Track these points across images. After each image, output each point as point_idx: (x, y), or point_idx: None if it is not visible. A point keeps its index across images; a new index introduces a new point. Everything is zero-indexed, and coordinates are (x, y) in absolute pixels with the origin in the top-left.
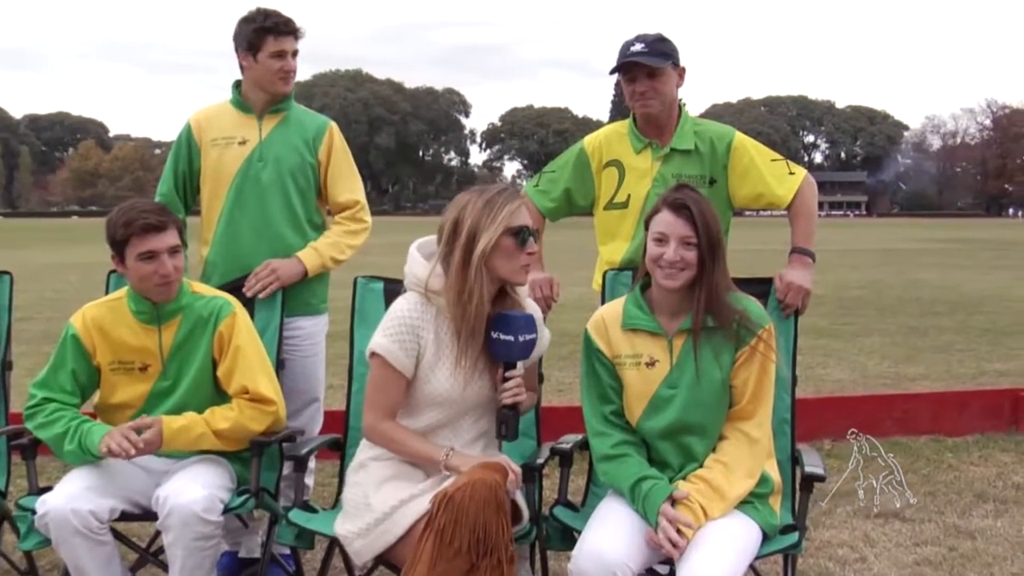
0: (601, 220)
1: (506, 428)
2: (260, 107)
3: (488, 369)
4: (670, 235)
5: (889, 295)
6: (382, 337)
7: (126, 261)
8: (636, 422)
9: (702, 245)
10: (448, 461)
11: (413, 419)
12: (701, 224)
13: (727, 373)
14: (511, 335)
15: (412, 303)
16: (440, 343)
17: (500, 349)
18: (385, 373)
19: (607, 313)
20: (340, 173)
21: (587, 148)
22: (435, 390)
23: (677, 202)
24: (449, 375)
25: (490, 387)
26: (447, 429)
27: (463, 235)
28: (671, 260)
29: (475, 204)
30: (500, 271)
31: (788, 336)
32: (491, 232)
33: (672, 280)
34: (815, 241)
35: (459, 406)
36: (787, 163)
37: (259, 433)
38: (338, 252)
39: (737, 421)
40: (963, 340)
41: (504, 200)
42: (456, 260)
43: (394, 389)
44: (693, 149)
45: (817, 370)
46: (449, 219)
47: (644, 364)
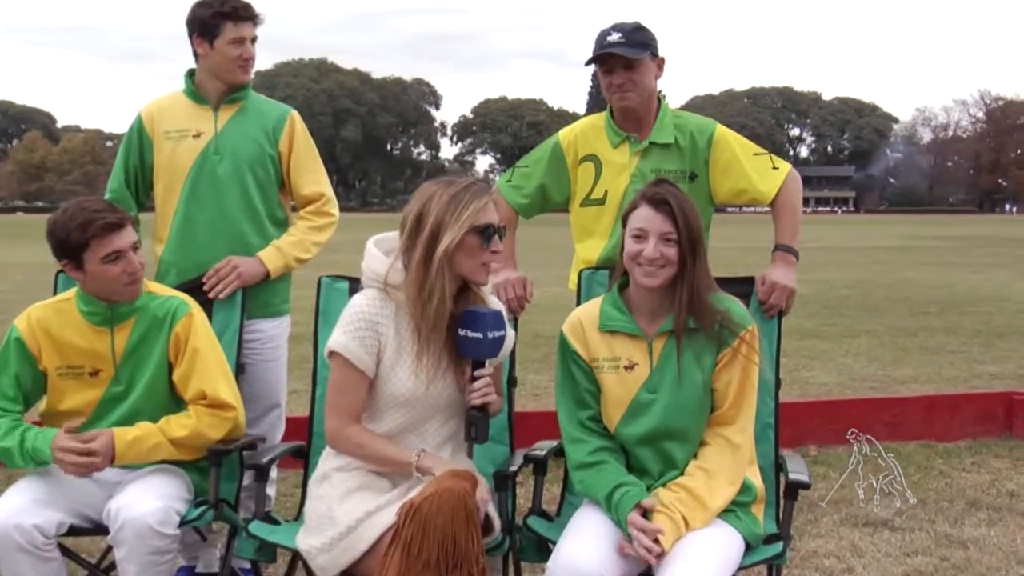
0: (577, 217)
1: (476, 430)
2: (216, 97)
3: (453, 368)
4: (649, 231)
5: (877, 295)
6: (341, 335)
7: (85, 266)
8: (614, 428)
9: (682, 241)
10: (420, 463)
11: (376, 423)
12: (681, 219)
13: (708, 376)
14: (479, 332)
15: (370, 298)
16: (401, 340)
17: (468, 347)
18: (346, 373)
19: (584, 314)
20: (303, 164)
21: (562, 142)
22: (397, 390)
23: (656, 197)
24: (411, 373)
25: (455, 387)
26: (412, 433)
27: (426, 230)
28: (650, 257)
29: (440, 198)
30: (461, 269)
31: (771, 338)
32: (456, 230)
33: (652, 278)
34: (800, 239)
35: (423, 407)
36: (771, 157)
37: (218, 441)
38: (302, 251)
39: (719, 426)
40: (955, 341)
41: (471, 196)
42: (418, 256)
43: (357, 390)
44: (673, 143)
45: (802, 373)
46: (413, 211)
47: (623, 367)
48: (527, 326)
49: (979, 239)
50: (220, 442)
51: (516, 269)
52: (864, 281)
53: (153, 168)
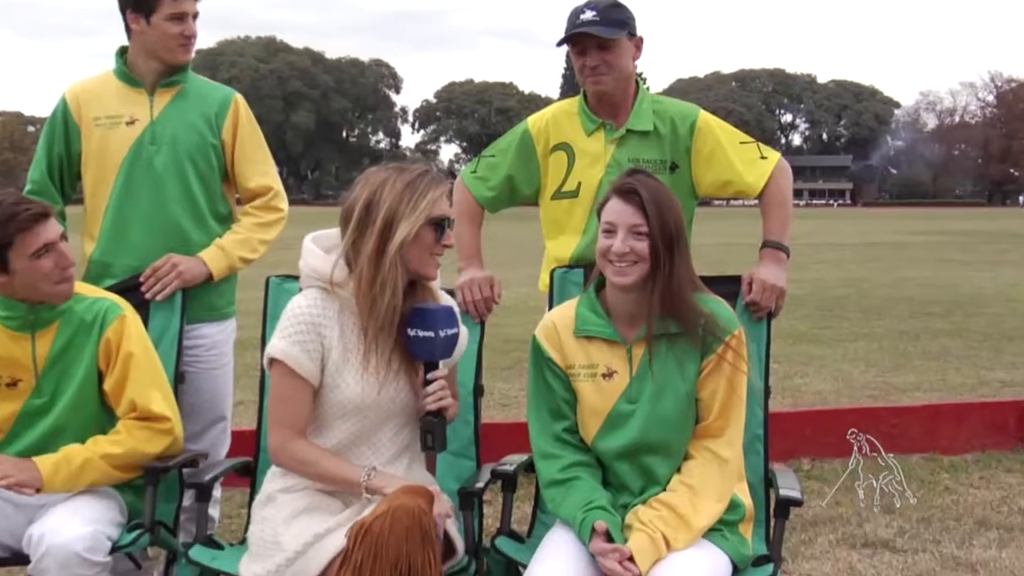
0: (548, 211)
1: (433, 438)
2: (151, 79)
3: (405, 371)
4: (618, 224)
5: (876, 295)
6: (280, 340)
7: (12, 266)
8: (591, 441)
9: (654, 234)
10: (370, 482)
11: (323, 435)
12: (652, 210)
13: (692, 385)
14: (430, 330)
15: (311, 298)
16: (346, 342)
17: (419, 347)
18: (288, 382)
19: (558, 318)
20: (249, 154)
21: (532, 129)
22: (345, 396)
23: (625, 187)
24: (359, 378)
25: (409, 392)
26: (364, 445)
27: (379, 220)
28: (619, 252)
29: (394, 185)
30: (413, 263)
31: (760, 342)
32: (412, 221)
33: (622, 276)
34: (791, 234)
35: (375, 415)
36: (758, 146)
37: (155, 457)
38: (248, 251)
39: (704, 439)
40: (961, 345)
41: (427, 185)
42: (369, 248)
43: (301, 400)
44: (652, 130)
45: (795, 380)
46: (361, 198)
47: (600, 375)
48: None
49: (988, 234)
50: (157, 459)
51: (482, 268)
52: (862, 280)
53: (81, 158)
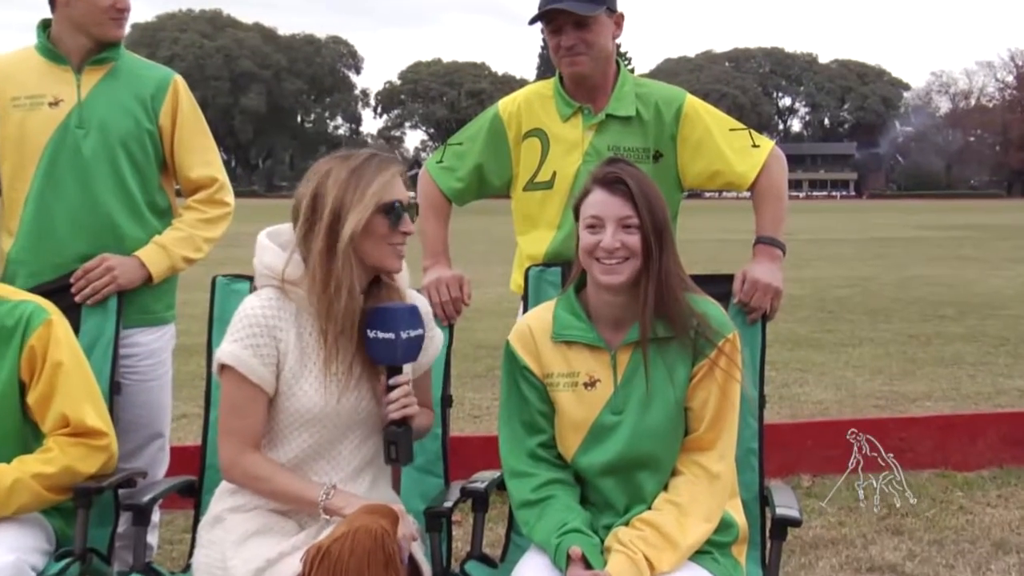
0: (520, 204)
1: (397, 450)
2: (78, 56)
3: (368, 377)
4: (605, 218)
5: (883, 295)
6: (231, 344)
7: None
8: (571, 456)
9: (645, 227)
10: (329, 502)
11: (278, 448)
12: (642, 201)
13: (682, 393)
14: (391, 332)
15: (265, 299)
16: (304, 346)
17: (379, 351)
18: (240, 390)
19: (534, 321)
20: (190, 141)
21: (503, 114)
22: (302, 405)
23: (609, 177)
24: (318, 385)
25: (372, 400)
26: (323, 459)
27: (325, 214)
28: (609, 247)
29: (338, 175)
30: (370, 257)
31: (754, 346)
32: (360, 210)
33: (614, 274)
34: (786, 229)
35: (335, 425)
36: (750, 133)
37: (89, 476)
38: (192, 249)
39: (694, 452)
40: (976, 351)
41: (374, 169)
42: (319, 245)
43: (254, 410)
44: (634, 116)
45: (793, 388)
46: (307, 193)
47: (582, 384)
48: (465, 334)
49: (1006, 229)
50: (90, 478)
51: (450, 266)
52: (867, 279)
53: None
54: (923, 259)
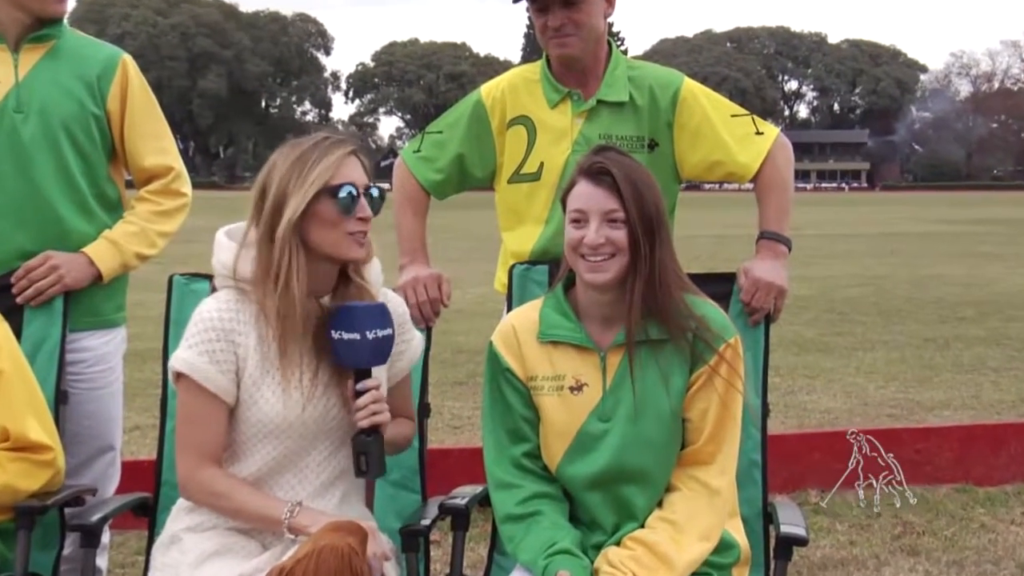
0: (505, 197)
1: (367, 461)
2: (15, 33)
3: (337, 384)
4: (589, 211)
5: (898, 295)
6: (187, 351)
7: None
8: (556, 467)
9: (632, 220)
10: (294, 520)
11: (240, 462)
12: (629, 192)
13: (678, 402)
14: (355, 332)
15: (222, 301)
16: (265, 351)
17: (345, 353)
18: (197, 400)
19: (519, 321)
20: (142, 127)
21: (485, 100)
22: (264, 415)
23: (595, 168)
24: (280, 393)
25: (341, 408)
26: (288, 473)
27: (268, 201)
28: (593, 243)
29: (284, 162)
30: (321, 246)
31: (757, 351)
32: (300, 195)
33: (599, 272)
34: (791, 223)
35: (300, 436)
36: (753, 119)
37: (32, 494)
38: (145, 245)
39: (691, 466)
40: (998, 355)
41: (321, 152)
42: (261, 234)
43: (212, 421)
44: (627, 101)
45: (800, 396)
46: (257, 183)
47: (568, 389)
48: (444, 338)
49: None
50: (33, 496)
51: (428, 264)
52: (880, 278)
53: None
54: (941, 256)
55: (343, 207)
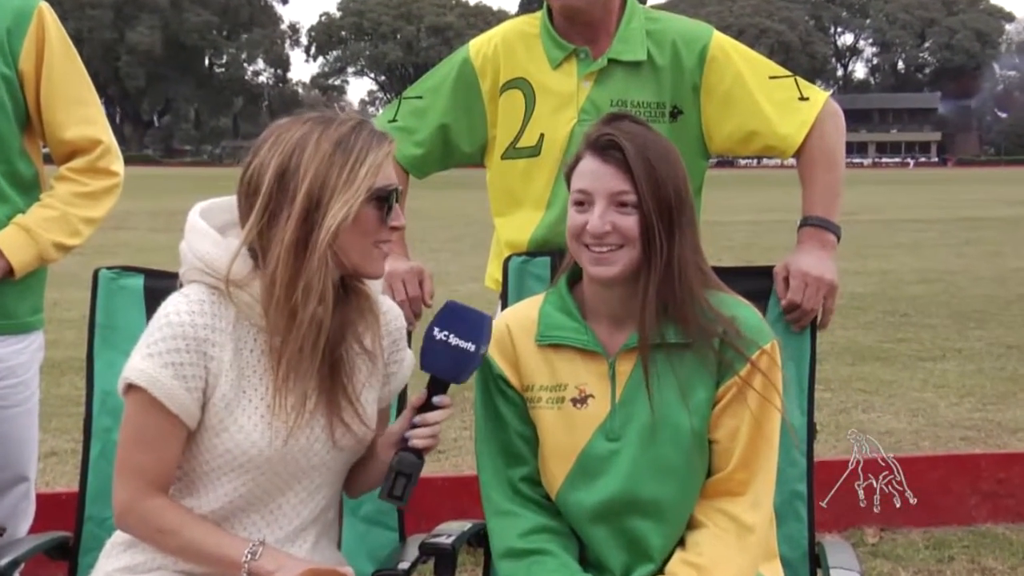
0: (498, 175)
1: (405, 485)
2: None
3: (326, 412)
4: (594, 192)
5: (975, 294)
6: (145, 358)
7: None
8: (556, 493)
9: (646, 206)
10: (254, 564)
11: (198, 495)
12: (643, 171)
13: (703, 420)
14: (471, 342)
15: (195, 301)
16: (243, 367)
17: (443, 359)
18: (152, 418)
19: (514, 320)
20: (63, 90)
21: (474, 59)
22: (236, 445)
23: (601, 139)
24: (259, 420)
25: (327, 442)
26: (256, 514)
27: (299, 197)
28: (597, 231)
29: (319, 145)
30: (351, 257)
31: (801, 361)
32: (350, 196)
33: (604, 265)
34: (842, 207)
35: (275, 474)
36: (796, 82)
37: None
38: (66, 233)
39: (719, 498)
40: None
41: (365, 143)
42: (287, 237)
43: (166, 445)
44: (645, 61)
45: (854, 415)
46: (270, 164)
47: (570, 401)
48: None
49: None
50: None
51: (407, 257)
52: (953, 272)
53: None
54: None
55: (385, 214)
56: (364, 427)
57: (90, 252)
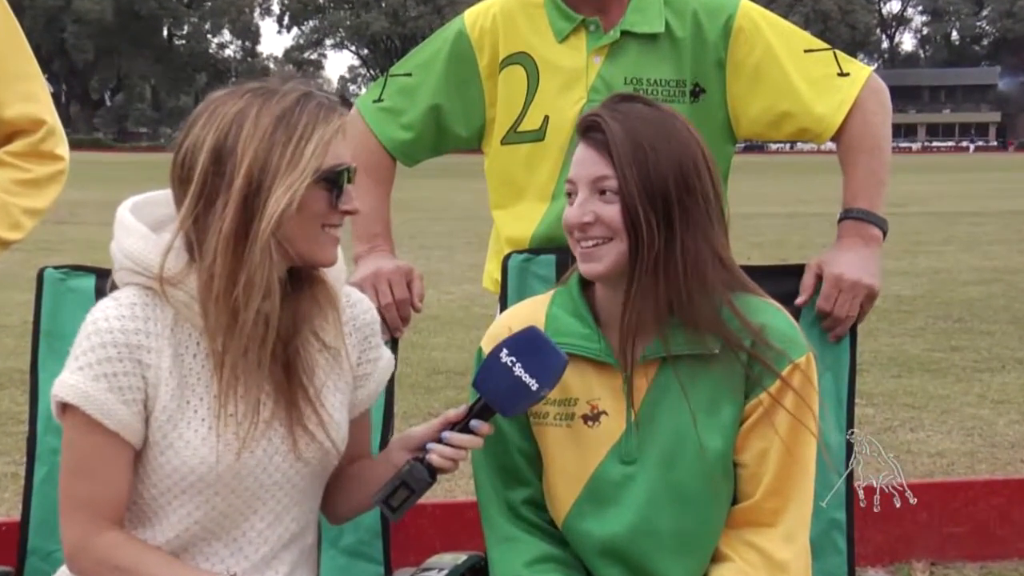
0: (498, 163)
1: (406, 499)
2: None
3: (285, 420)
4: (577, 180)
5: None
6: (75, 373)
7: None
8: (563, 521)
9: (628, 191)
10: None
11: (152, 527)
12: (625, 153)
13: (728, 440)
14: (536, 377)
15: (125, 305)
16: (185, 373)
17: (500, 387)
18: (90, 440)
19: (517, 322)
20: (1, 65)
21: (470, 31)
22: (184, 463)
23: (587, 121)
24: (206, 431)
25: (289, 454)
26: (218, 542)
27: (238, 179)
28: (575, 221)
29: (258, 120)
30: (297, 244)
31: (840, 372)
32: (295, 178)
33: (591, 262)
34: (886, 197)
35: (232, 493)
36: (835, 56)
37: None
38: (6, 226)
39: (747, 528)
40: None
41: (312, 117)
42: (227, 225)
43: (111, 469)
44: (662, 33)
45: (902, 434)
46: (204, 144)
47: (580, 418)
48: (415, 353)
49: None
50: None
51: (393, 254)
52: (1015, 272)
53: None
54: None
55: (335, 196)
56: (329, 436)
57: (33, 249)
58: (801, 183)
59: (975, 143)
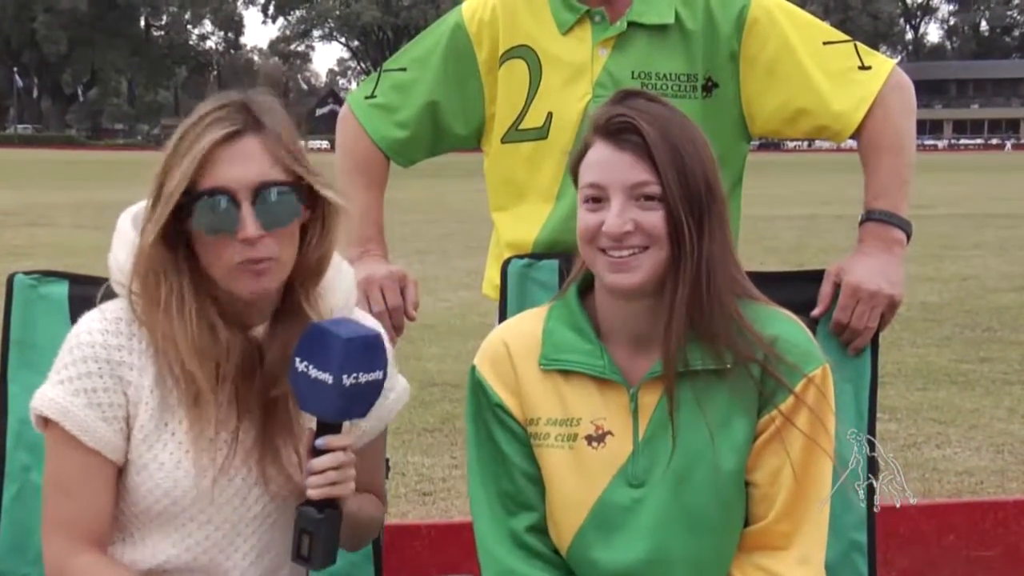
0: (498, 163)
1: (310, 544)
2: None
3: (261, 451)
4: (609, 186)
5: None
6: (56, 387)
7: None
8: (567, 549)
9: (672, 199)
10: None
11: (134, 545)
12: (667, 158)
13: (740, 458)
14: (328, 371)
15: (110, 318)
16: (166, 393)
17: (308, 393)
18: (72, 458)
19: (513, 337)
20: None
21: (468, 23)
22: (156, 486)
23: (615, 122)
24: (182, 455)
25: (268, 487)
26: (200, 572)
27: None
28: (615, 231)
29: (179, 129)
30: (212, 271)
31: (860, 384)
32: (167, 197)
33: (626, 272)
34: (911, 199)
35: (209, 522)
36: (856, 48)
37: None
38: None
39: (759, 551)
40: None
41: (197, 129)
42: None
43: (92, 489)
44: (672, 24)
45: (927, 451)
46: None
47: (584, 439)
48: (409, 365)
49: None
50: None
51: (386, 259)
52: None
53: None
54: None
55: (209, 225)
56: None
57: (2, 253)
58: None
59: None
